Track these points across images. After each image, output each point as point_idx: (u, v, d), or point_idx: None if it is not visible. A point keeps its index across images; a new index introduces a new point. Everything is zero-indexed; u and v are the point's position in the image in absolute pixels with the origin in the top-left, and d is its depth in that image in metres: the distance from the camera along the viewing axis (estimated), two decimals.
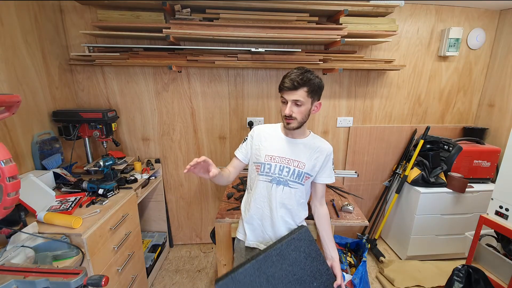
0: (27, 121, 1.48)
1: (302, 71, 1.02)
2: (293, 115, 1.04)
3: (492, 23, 2.07)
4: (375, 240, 2.26)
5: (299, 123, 1.07)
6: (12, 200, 0.80)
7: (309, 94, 1.03)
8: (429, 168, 2.03)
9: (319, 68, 1.88)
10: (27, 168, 1.48)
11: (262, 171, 1.13)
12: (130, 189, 1.56)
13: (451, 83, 2.18)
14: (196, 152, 2.14)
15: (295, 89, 1.01)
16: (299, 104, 1.03)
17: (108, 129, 1.75)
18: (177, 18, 1.62)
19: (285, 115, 1.05)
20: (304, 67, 1.05)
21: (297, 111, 1.04)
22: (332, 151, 1.17)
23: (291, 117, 1.05)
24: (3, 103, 0.86)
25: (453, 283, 1.42)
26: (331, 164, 1.17)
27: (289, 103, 1.03)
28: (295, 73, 1.01)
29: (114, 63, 1.73)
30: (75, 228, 1.12)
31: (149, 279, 1.84)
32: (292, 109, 1.03)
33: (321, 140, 1.18)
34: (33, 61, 1.54)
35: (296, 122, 1.06)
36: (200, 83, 1.98)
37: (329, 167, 1.17)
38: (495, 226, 1.45)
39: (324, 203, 1.22)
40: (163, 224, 2.23)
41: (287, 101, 1.04)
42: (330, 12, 1.74)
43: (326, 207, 1.22)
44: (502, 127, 2.08)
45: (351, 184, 2.31)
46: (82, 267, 0.81)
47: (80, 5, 1.73)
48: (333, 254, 1.14)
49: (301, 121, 1.07)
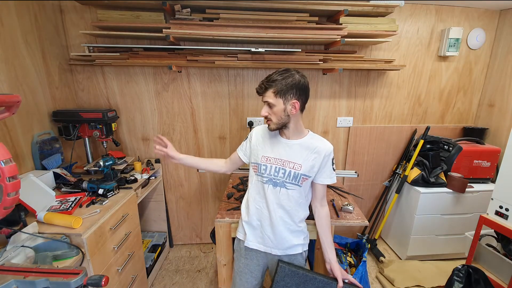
0: (27, 121, 1.48)
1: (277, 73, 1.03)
2: (268, 116, 1.06)
3: (492, 23, 2.07)
4: (375, 240, 2.26)
5: (276, 124, 1.07)
6: (12, 200, 0.80)
7: (277, 94, 1.02)
8: (429, 168, 2.03)
9: (319, 68, 1.89)
10: (27, 168, 1.48)
11: (259, 172, 1.13)
12: (130, 189, 1.56)
13: (451, 83, 2.18)
14: (196, 152, 2.13)
15: (262, 91, 1.05)
16: (271, 105, 1.04)
17: (108, 129, 1.75)
18: (177, 18, 1.62)
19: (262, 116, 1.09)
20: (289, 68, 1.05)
21: (271, 112, 1.05)
22: (331, 151, 1.13)
23: (267, 118, 1.08)
24: (3, 103, 0.86)
25: (453, 283, 1.42)
26: (330, 164, 1.14)
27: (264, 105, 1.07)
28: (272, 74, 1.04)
29: (114, 63, 1.73)
30: (75, 228, 1.12)
31: (149, 279, 1.84)
32: (266, 110, 1.06)
33: (319, 139, 1.14)
34: (33, 61, 1.54)
35: (273, 123, 1.07)
36: (200, 83, 1.98)
37: (329, 167, 1.14)
38: (495, 226, 1.45)
39: (325, 204, 1.20)
40: (163, 224, 2.23)
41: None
42: (330, 12, 1.74)
43: (327, 208, 1.21)
44: (502, 127, 2.08)
45: (351, 184, 2.31)
46: (82, 267, 0.80)
47: (80, 5, 1.73)
48: (331, 257, 1.14)
49: (278, 122, 1.06)
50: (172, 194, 2.23)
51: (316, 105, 2.10)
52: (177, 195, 2.24)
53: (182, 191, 2.23)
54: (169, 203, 2.24)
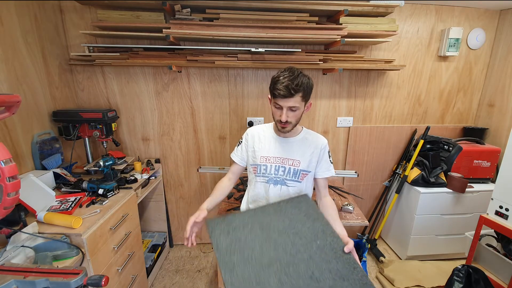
0: (27, 121, 1.48)
1: (294, 74, 0.98)
2: (288, 120, 1.03)
3: (492, 23, 2.07)
4: (375, 240, 2.26)
5: (294, 126, 1.07)
6: (12, 200, 0.80)
7: (303, 98, 1.01)
8: (429, 168, 2.03)
9: (319, 68, 1.88)
10: (27, 168, 1.47)
11: (259, 172, 1.14)
12: (130, 189, 1.56)
13: (451, 83, 2.18)
14: (196, 152, 2.13)
15: (291, 96, 0.98)
16: (294, 109, 1.02)
17: (108, 129, 1.74)
18: (177, 18, 1.62)
19: (281, 121, 1.03)
20: (293, 67, 1.01)
21: (292, 116, 1.03)
22: (326, 144, 1.16)
23: (286, 122, 1.03)
24: (3, 103, 0.86)
25: (453, 283, 1.42)
26: (327, 157, 1.16)
27: (285, 110, 1.01)
28: (287, 77, 0.97)
29: (114, 63, 1.73)
30: (75, 228, 1.12)
31: (149, 279, 1.84)
32: (288, 114, 1.02)
33: (314, 134, 1.18)
34: (33, 61, 1.54)
35: (291, 126, 1.06)
36: (200, 83, 1.98)
37: (326, 160, 1.15)
38: (495, 226, 1.45)
39: (327, 194, 1.18)
40: (163, 224, 2.23)
41: (281, 107, 1.02)
42: (330, 12, 1.74)
43: (330, 198, 1.17)
44: (502, 127, 2.08)
45: (351, 184, 2.31)
46: (82, 267, 0.80)
47: (80, 5, 1.73)
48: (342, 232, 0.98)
49: (296, 124, 1.07)
50: (172, 194, 2.23)
51: (316, 105, 2.10)
52: (177, 195, 2.24)
53: (182, 191, 2.23)
54: (169, 203, 2.24)
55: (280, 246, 0.86)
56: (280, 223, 0.92)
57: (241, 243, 0.86)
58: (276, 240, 0.88)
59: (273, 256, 0.83)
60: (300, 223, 0.93)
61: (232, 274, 0.78)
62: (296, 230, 0.91)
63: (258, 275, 0.78)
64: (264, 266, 0.80)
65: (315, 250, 0.86)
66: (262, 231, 0.90)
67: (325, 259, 0.83)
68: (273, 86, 1.01)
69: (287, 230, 0.91)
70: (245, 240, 0.87)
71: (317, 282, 0.78)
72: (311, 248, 0.86)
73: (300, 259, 0.83)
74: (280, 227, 0.91)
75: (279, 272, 0.79)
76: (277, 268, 0.80)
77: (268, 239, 0.88)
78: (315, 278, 0.78)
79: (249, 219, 0.92)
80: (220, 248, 0.85)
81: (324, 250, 0.86)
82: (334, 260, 0.84)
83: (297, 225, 0.92)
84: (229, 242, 0.86)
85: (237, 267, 0.79)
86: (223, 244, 0.86)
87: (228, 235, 0.88)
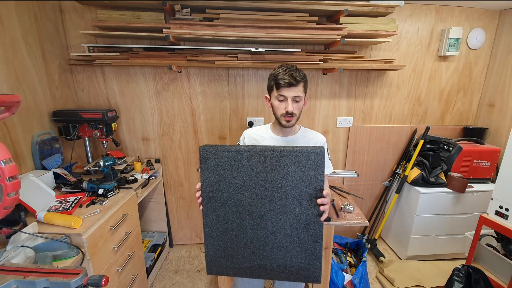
0: (27, 121, 1.48)
1: (292, 67, 1.02)
2: (294, 111, 1.04)
3: (492, 23, 2.07)
4: (375, 240, 2.26)
5: (297, 119, 1.08)
6: (12, 200, 0.80)
7: (305, 89, 1.05)
8: (429, 168, 2.03)
9: (319, 68, 1.88)
10: (27, 168, 1.48)
11: None
12: (130, 189, 1.56)
13: (451, 83, 2.18)
14: (196, 152, 2.13)
15: (296, 84, 1.00)
16: (298, 100, 1.03)
17: (108, 129, 1.74)
18: (177, 18, 1.62)
19: (288, 112, 1.03)
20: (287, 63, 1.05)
21: (296, 107, 1.04)
22: (324, 141, 1.18)
23: (292, 113, 1.04)
24: (3, 103, 0.86)
25: (453, 283, 1.42)
26: (326, 154, 1.16)
27: (290, 100, 1.02)
28: (287, 69, 1.01)
29: (114, 63, 1.73)
30: (75, 228, 1.12)
31: (149, 279, 1.84)
32: (293, 106, 1.03)
33: (311, 132, 1.19)
34: (33, 61, 1.54)
35: (295, 119, 1.07)
36: (200, 83, 1.98)
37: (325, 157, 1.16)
38: (495, 226, 1.46)
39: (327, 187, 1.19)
40: (163, 224, 2.23)
41: (286, 98, 1.03)
42: (330, 12, 1.75)
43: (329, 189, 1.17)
44: (502, 127, 2.08)
45: (351, 184, 2.31)
46: (82, 267, 0.80)
47: (80, 5, 1.73)
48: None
49: (298, 117, 1.09)
50: (172, 194, 2.23)
51: (316, 105, 2.10)
52: (177, 195, 2.24)
53: (182, 191, 2.23)
54: (169, 203, 2.24)
55: (260, 199, 0.90)
56: (270, 177, 0.88)
57: (226, 184, 0.90)
58: (257, 193, 0.90)
59: (248, 206, 0.91)
60: (293, 183, 0.88)
61: (209, 207, 0.94)
62: (283, 191, 0.88)
63: (231, 218, 0.92)
64: (239, 212, 0.91)
65: (291, 218, 0.90)
66: (250, 178, 0.89)
67: (294, 226, 0.90)
68: (275, 79, 1.03)
69: (274, 185, 0.88)
70: (230, 182, 0.90)
71: (275, 237, 0.90)
72: (289, 214, 0.90)
73: (271, 218, 0.91)
74: (268, 180, 0.88)
75: (251, 224, 0.91)
76: (248, 219, 0.91)
77: (250, 189, 0.90)
78: (275, 235, 0.90)
79: (242, 161, 0.88)
80: (205, 183, 0.91)
81: (297, 218, 0.90)
82: (303, 231, 0.90)
83: (286, 187, 0.88)
84: (214, 180, 0.91)
85: (216, 204, 0.93)
86: (210, 178, 0.91)
87: (218, 171, 0.90)
